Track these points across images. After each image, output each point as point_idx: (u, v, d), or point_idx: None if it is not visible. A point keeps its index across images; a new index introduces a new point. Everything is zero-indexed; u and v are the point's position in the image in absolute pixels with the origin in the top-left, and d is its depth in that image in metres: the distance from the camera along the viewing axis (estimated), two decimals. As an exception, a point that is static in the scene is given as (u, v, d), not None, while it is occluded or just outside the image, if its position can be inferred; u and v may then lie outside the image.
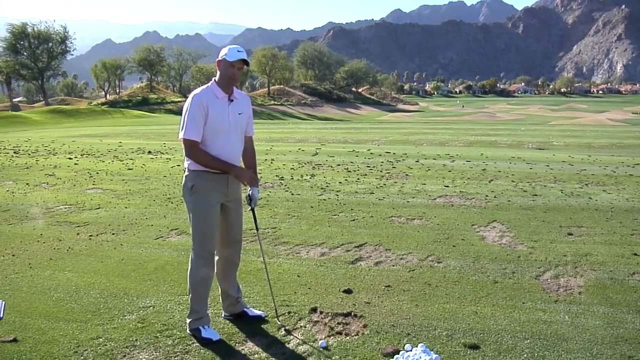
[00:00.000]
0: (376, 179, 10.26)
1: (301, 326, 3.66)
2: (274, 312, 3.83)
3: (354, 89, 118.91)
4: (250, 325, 3.66)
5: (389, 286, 4.40)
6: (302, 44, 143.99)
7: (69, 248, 5.59)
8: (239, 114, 3.56)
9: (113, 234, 6.19)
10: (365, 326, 3.63)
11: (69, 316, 3.81)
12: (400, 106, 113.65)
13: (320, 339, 3.43)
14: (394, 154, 15.34)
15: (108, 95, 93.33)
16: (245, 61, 3.44)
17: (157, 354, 3.27)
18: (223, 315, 3.82)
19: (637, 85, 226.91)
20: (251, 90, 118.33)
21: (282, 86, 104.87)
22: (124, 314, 3.86)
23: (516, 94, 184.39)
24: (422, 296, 4.18)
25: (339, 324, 3.68)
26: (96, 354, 3.26)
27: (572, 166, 12.53)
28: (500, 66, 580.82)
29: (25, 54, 78.63)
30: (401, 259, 5.16)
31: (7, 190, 9.06)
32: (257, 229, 3.86)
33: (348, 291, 4.27)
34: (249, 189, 3.68)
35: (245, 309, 3.80)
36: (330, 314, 3.83)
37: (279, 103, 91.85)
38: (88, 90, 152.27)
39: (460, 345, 3.34)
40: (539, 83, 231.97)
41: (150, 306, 3.99)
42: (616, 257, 5.17)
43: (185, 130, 3.39)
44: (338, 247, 5.55)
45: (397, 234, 6.08)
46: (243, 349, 3.35)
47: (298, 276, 4.65)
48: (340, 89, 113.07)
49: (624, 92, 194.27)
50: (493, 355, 3.22)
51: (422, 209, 7.37)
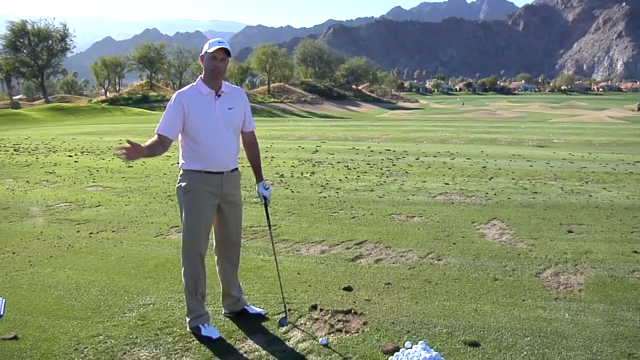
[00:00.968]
0: (376, 176, 10.26)
1: (301, 323, 3.66)
2: (277, 309, 3.83)
3: (354, 86, 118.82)
4: (250, 323, 3.66)
5: (389, 284, 4.40)
6: (302, 41, 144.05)
7: (69, 245, 5.59)
8: (229, 108, 3.46)
9: (113, 231, 6.19)
10: (365, 323, 3.63)
11: (69, 314, 3.82)
12: (401, 104, 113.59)
13: (321, 337, 3.44)
14: (394, 151, 15.33)
15: (108, 93, 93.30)
16: (226, 51, 3.34)
17: (158, 351, 3.28)
18: (223, 313, 3.82)
19: (638, 82, 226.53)
20: (251, 88, 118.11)
21: (282, 84, 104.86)
22: (124, 311, 3.86)
23: (516, 92, 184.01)
24: (422, 294, 4.19)
25: (339, 321, 3.68)
26: (96, 351, 3.27)
27: (573, 164, 12.52)
28: (500, 64, 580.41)
29: (25, 51, 78.48)
30: (401, 256, 5.16)
31: (7, 188, 9.07)
32: (269, 226, 3.85)
33: (348, 288, 4.27)
34: (256, 188, 3.74)
35: (245, 307, 3.80)
36: (330, 311, 3.84)
37: (279, 100, 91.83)
38: (88, 87, 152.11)
39: (460, 342, 3.35)
40: (540, 81, 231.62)
41: (151, 304, 4.00)
42: (616, 254, 5.17)
43: (160, 126, 3.39)
44: (338, 244, 5.56)
45: (397, 231, 6.08)
46: (243, 347, 3.36)
47: (298, 273, 4.66)
48: (340, 87, 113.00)
49: (624, 89, 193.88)
50: (493, 353, 3.22)
51: (422, 207, 7.37)
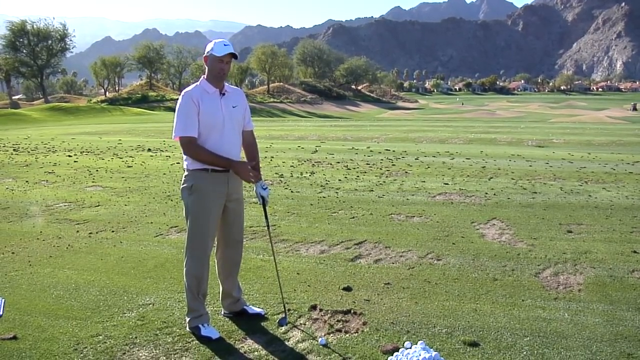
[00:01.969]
0: (376, 176, 10.26)
1: (301, 323, 3.66)
2: (276, 309, 3.83)
3: (353, 86, 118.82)
4: (250, 323, 3.66)
5: (388, 284, 4.40)
6: (302, 41, 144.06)
7: (69, 245, 5.59)
8: (233, 107, 3.48)
9: (113, 231, 6.18)
10: (364, 323, 3.63)
11: (68, 314, 3.81)
12: (400, 104, 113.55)
13: (320, 337, 3.43)
14: (393, 151, 15.33)
15: (107, 93, 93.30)
16: (233, 54, 3.38)
17: (157, 351, 3.27)
18: (223, 313, 3.82)
19: (637, 82, 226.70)
20: (251, 88, 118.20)
21: (281, 84, 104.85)
22: (124, 311, 3.86)
23: (516, 92, 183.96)
24: (422, 294, 4.19)
25: (338, 321, 3.68)
26: (96, 351, 3.27)
27: (572, 164, 12.53)
28: (500, 64, 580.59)
29: (24, 51, 78.47)
30: (401, 256, 5.16)
31: (7, 188, 9.06)
32: (268, 226, 3.82)
33: (348, 289, 4.27)
34: (254, 188, 3.58)
35: (245, 307, 3.80)
36: (329, 311, 3.83)
37: (278, 100, 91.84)
38: (87, 87, 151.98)
39: (459, 342, 3.35)
40: (539, 81, 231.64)
41: (150, 304, 4.00)
42: (616, 254, 5.17)
43: (179, 128, 3.33)
44: (338, 244, 5.55)
45: (396, 231, 6.08)
46: (242, 347, 3.35)
47: (298, 274, 4.65)
48: (339, 87, 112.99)
49: (623, 89, 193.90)
50: (492, 353, 3.22)
51: (421, 207, 7.38)
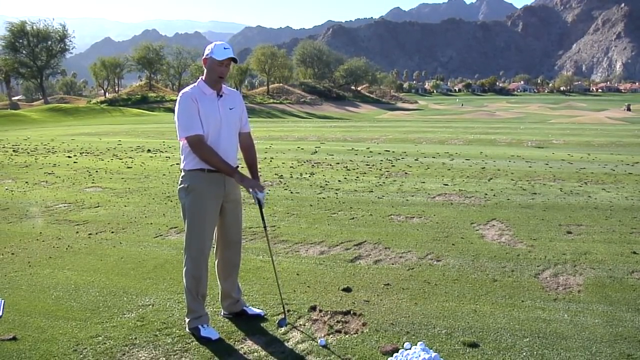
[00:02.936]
0: (375, 177, 10.26)
1: (300, 324, 3.66)
2: (276, 310, 3.83)
3: (353, 87, 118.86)
4: (250, 324, 3.66)
5: (388, 284, 4.40)
6: (302, 42, 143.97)
7: (68, 246, 5.59)
8: (230, 108, 3.50)
9: (112, 232, 6.18)
10: (364, 324, 3.63)
11: (68, 314, 3.81)
12: (400, 104, 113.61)
13: (320, 337, 3.43)
14: (393, 152, 15.33)
15: (107, 94, 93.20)
16: (233, 59, 3.39)
17: (157, 352, 3.27)
18: (222, 314, 3.82)
19: (637, 83, 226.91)
20: (250, 89, 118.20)
21: (281, 84, 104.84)
22: (123, 312, 3.86)
23: (515, 93, 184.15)
24: (422, 294, 4.19)
25: (338, 322, 3.68)
26: (95, 352, 3.26)
27: (572, 164, 12.53)
28: (499, 64, 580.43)
29: (24, 52, 78.42)
30: (400, 257, 5.16)
31: (7, 189, 9.06)
32: (265, 228, 3.79)
33: (347, 289, 4.27)
34: (250, 190, 3.55)
35: (244, 308, 3.80)
36: (329, 312, 3.83)
37: (278, 101, 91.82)
38: (87, 88, 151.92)
39: (459, 343, 3.35)
40: (539, 81, 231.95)
41: (150, 304, 3.99)
42: (615, 255, 5.17)
43: (184, 129, 3.35)
44: (337, 245, 5.55)
45: (396, 232, 6.08)
46: (242, 348, 3.35)
47: (297, 274, 4.65)
48: (339, 88, 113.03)
49: (623, 90, 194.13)
50: (492, 354, 3.22)
51: (421, 207, 7.38)
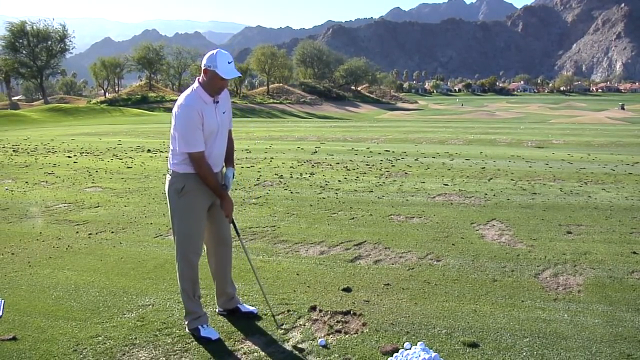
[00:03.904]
0: (375, 177, 10.25)
1: (300, 324, 3.66)
2: (276, 310, 3.84)
3: (353, 87, 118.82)
4: (249, 324, 3.67)
5: (388, 284, 4.40)
6: (302, 42, 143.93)
7: (68, 246, 5.59)
8: (223, 112, 3.60)
9: (112, 232, 6.18)
10: (364, 324, 3.63)
11: (68, 314, 3.82)
12: (400, 104, 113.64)
13: (320, 337, 3.44)
14: (393, 152, 15.32)
15: (107, 94, 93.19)
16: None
17: (157, 352, 3.27)
18: (218, 311, 3.86)
19: (637, 83, 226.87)
20: (250, 89, 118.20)
21: (281, 84, 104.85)
22: (123, 312, 3.86)
23: (515, 93, 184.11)
24: (422, 294, 4.19)
25: (338, 322, 3.68)
26: (95, 352, 3.27)
27: (572, 164, 12.53)
28: (499, 64, 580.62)
29: (24, 52, 78.36)
30: (400, 257, 5.16)
31: (7, 189, 9.06)
32: (238, 234, 3.78)
33: (347, 289, 4.27)
34: (224, 170, 3.70)
35: (238, 305, 3.85)
36: (329, 312, 3.84)
37: (278, 101, 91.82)
38: (87, 88, 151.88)
39: (459, 343, 3.35)
40: (539, 81, 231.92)
41: (150, 304, 4.00)
42: (615, 255, 5.17)
43: (189, 144, 3.38)
44: (337, 245, 5.56)
45: (396, 232, 6.08)
46: (242, 348, 3.36)
47: (297, 274, 4.66)
48: (339, 88, 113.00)
49: (623, 90, 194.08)
50: (492, 354, 3.23)
51: (421, 207, 7.38)
